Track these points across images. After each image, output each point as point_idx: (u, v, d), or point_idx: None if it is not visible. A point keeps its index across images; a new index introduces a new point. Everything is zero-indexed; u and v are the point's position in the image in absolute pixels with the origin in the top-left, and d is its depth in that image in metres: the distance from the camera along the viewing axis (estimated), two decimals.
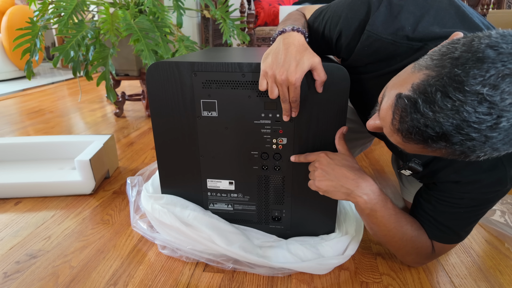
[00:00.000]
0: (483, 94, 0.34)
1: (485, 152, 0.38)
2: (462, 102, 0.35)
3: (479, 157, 0.39)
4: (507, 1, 2.93)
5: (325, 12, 0.68)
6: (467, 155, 0.40)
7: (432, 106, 0.37)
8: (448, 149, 0.40)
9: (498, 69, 0.34)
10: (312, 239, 0.77)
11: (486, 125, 0.35)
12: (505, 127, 0.35)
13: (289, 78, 0.57)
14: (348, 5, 0.63)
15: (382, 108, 0.46)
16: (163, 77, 0.68)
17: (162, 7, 1.56)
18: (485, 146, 0.37)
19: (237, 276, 0.70)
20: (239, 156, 0.73)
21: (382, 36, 0.57)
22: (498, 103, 0.34)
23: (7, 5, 3.13)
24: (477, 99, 0.35)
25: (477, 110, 0.35)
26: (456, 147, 0.38)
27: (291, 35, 0.60)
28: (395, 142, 0.46)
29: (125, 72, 1.82)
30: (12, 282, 0.69)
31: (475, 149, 0.38)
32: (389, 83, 0.47)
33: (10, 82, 3.08)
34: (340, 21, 0.63)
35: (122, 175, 1.17)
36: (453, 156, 0.41)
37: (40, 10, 1.61)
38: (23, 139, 1.24)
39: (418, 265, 0.72)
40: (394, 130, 0.43)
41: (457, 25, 0.54)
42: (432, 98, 0.37)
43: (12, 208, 0.97)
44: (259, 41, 2.47)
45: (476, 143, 0.37)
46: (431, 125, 0.38)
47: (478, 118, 0.35)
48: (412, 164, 0.62)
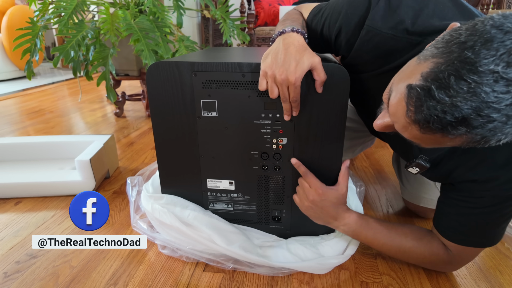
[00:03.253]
0: (498, 72, 0.34)
1: (506, 134, 0.37)
2: (478, 83, 0.35)
3: (500, 140, 0.38)
4: (507, 1, 2.93)
5: (324, 9, 0.69)
6: (488, 140, 0.38)
7: (448, 91, 0.36)
8: (468, 135, 0.38)
9: (508, 47, 0.34)
10: (312, 238, 0.77)
11: (506, 103, 0.34)
12: None
13: (289, 77, 0.57)
14: (348, 1, 0.63)
15: (392, 104, 0.44)
16: (163, 77, 0.68)
17: (162, 7, 1.56)
18: (506, 126, 0.36)
19: (237, 276, 0.70)
20: (239, 156, 0.73)
21: (382, 31, 0.57)
22: None
23: (7, 5, 3.13)
24: (493, 78, 0.34)
25: (494, 89, 0.34)
26: (478, 131, 0.37)
27: (290, 36, 0.60)
28: (410, 136, 0.44)
29: (125, 72, 1.82)
30: (12, 282, 0.69)
31: (496, 131, 0.37)
32: (394, 78, 0.46)
33: (10, 82, 3.08)
34: (340, 17, 0.63)
35: (122, 175, 1.18)
36: (473, 143, 0.39)
37: (40, 10, 1.61)
38: (23, 139, 1.24)
39: (448, 271, 0.71)
40: (410, 122, 0.42)
41: (456, 16, 0.54)
42: (446, 83, 0.36)
43: (12, 208, 0.97)
44: (259, 41, 2.47)
45: (497, 125, 0.36)
46: (449, 110, 0.37)
47: (497, 98, 0.34)
48: (419, 160, 0.61)
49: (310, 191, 0.68)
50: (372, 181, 1.15)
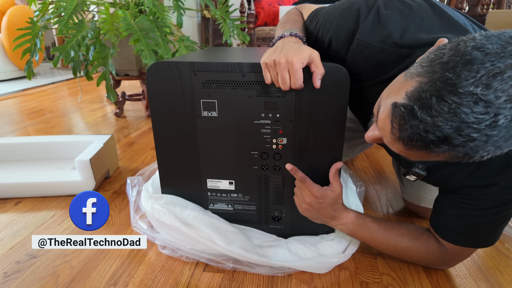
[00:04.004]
0: (477, 94, 0.35)
1: (488, 151, 0.38)
2: (458, 104, 0.36)
3: (483, 156, 0.39)
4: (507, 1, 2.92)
5: (319, 17, 0.70)
6: (470, 156, 0.39)
7: (429, 111, 0.38)
8: (451, 152, 0.39)
9: (487, 69, 0.35)
10: (312, 238, 0.77)
11: (485, 124, 0.35)
12: (504, 124, 0.35)
13: (288, 59, 0.56)
14: (340, 13, 0.64)
15: (380, 119, 0.46)
16: (163, 77, 0.68)
17: (162, 7, 1.56)
18: (487, 145, 0.37)
19: (237, 276, 0.70)
20: (239, 156, 0.73)
21: (372, 44, 0.58)
22: (493, 101, 0.35)
23: (7, 5, 3.13)
24: (472, 100, 0.35)
25: (474, 110, 0.35)
26: (459, 149, 0.38)
27: (289, 39, 0.62)
28: (397, 151, 0.45)
29: (125, 72, 1.82)
30: (12, 282, 0.69)
31: (477, 149, 0.38)
32: (383, 93, 0.48)
33: (10, 82, 3.08)
34: (331, 28, 0.65)
35: (122, 175, 1.18)
36: (457, 158, 0.41)
37: (40, 10, 1.61)
38: (23, 139, 1.24)
39: (443, 268, 0.73)
40: (395, 139, 0.43)
41: (443, 30, 0.56)
42: (428, 103, 0.38)
43: (12, 208, 0.97)
44: (259, 41, 2.47)
45: (478, 143, 0.37)
46: (431, 130, 0.38)
47: (476, 118, 0.35)
48: (415, 169, 0.63)
49: (307, 194, 0.69)
50: (372, 181, 1.15)
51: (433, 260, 0.68)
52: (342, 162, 0.70)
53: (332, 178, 0.69)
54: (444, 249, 0.66)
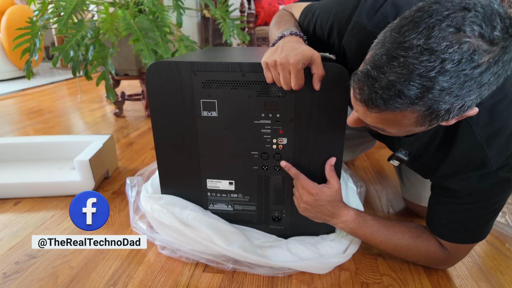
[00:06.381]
0: (420, 45, 0.39)
1: (450, 103, 0.40)
2: (406, 57, 0.39)
3: (449, 112, 0.41)
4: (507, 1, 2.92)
5: (315, 9, 0.69)
6: (435, 112, 0.41)
7: (382, 69, 0.41)
8: (414, 107, 0.41)
9: (427, 23, 0.39)
10: (312, 238, 0.77)
11: (435, 71, 0.38)
12: (452, 69, 0.38)
13: (289, 60, 0.56)
14: (339, 0, 0.64)
15: (351, 98, 0.48)
16: (162, 77, 0.68)
17: (162, 7, 1.56)
18: (443, 94, 0.39)
19: (237, 276, 0.70)
20: (239, 156, 0.73)
21: (366, 28, 0.58)
22: (436, 48, 0.38)
23: (6, 4, 3.12)
24: (417, 51, 0.39)
25: (420, 59, 0.38)
26: (420, 103, 0.40)
27: (290, 39, 0.62)
28: (370, 122, 0.48)
29: (124, 72, 1.81)
30: (11, 282, 0.68)
31: (437, 101, 0.40)
32: None
33: (9, 82, 3.08)
34: (331, 16, 0.64)
35: (122, 175, 1.17)
36: (425, 119, 0.43)
37: (39, 10, 1.60)
38: (22, 139, 1.24)
39: (443, 268, 0.73)
40: (359, 104, 0.46)
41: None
42: (380, 62, 0.41)
43: (12, 208, 0.97)
44: (259, 40, 2.47)
45: (435, 93, 0.39)
46: (385, 85, 0.41)
47: (425, 67, 0.38)
48: (398, 154, 0.65)
49: (303, 193, 0.68)
50: (373, 181, 1.14)
51: (434, 258, 0.68)
52: (335, 158, 0.69)
53: (328, 175, 0.69)
54: (444, 249, 0.66)
